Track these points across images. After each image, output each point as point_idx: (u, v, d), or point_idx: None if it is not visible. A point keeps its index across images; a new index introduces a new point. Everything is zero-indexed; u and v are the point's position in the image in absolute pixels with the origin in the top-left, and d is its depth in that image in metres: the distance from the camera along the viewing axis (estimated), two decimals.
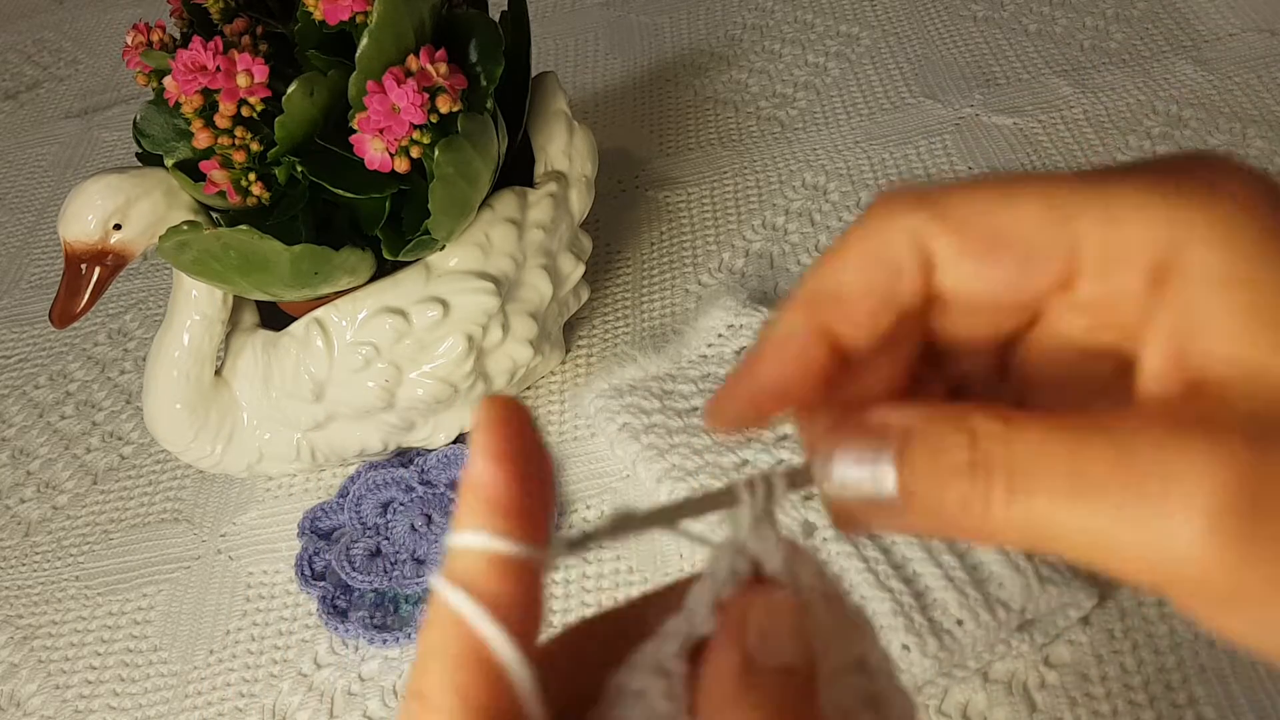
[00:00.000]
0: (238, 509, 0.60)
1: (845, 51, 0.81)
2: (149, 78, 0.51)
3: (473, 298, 0.54)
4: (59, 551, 0.60)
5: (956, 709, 0.45)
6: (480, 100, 0.50)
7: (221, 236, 0.48)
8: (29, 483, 0.64)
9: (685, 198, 0.72)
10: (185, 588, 0.57)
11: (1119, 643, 0.45)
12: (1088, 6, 0.80)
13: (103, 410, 0.67)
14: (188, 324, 0.54)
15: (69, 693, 0.54)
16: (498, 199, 0.54)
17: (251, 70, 0.47)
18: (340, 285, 0.52)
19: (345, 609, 0.52)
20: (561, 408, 0.61)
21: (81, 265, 0.52)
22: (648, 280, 0.67)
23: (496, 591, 0.21)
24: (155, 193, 0.51)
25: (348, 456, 0.58)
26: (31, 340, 0.73)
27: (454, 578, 0.21)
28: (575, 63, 0.87)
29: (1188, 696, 0.43)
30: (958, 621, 0.44)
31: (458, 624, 0.20)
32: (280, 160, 0.49)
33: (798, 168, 0.72)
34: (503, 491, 0.21)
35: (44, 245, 0.81)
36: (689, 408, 0.55)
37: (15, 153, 0.91)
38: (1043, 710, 0.44)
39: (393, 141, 0.47)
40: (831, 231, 0.67)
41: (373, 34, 0.47)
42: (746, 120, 0.77)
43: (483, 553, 0.21)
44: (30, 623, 0.57)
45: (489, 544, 0.21)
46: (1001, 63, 0.76)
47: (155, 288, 0.75)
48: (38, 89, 0.98)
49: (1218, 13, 0.76)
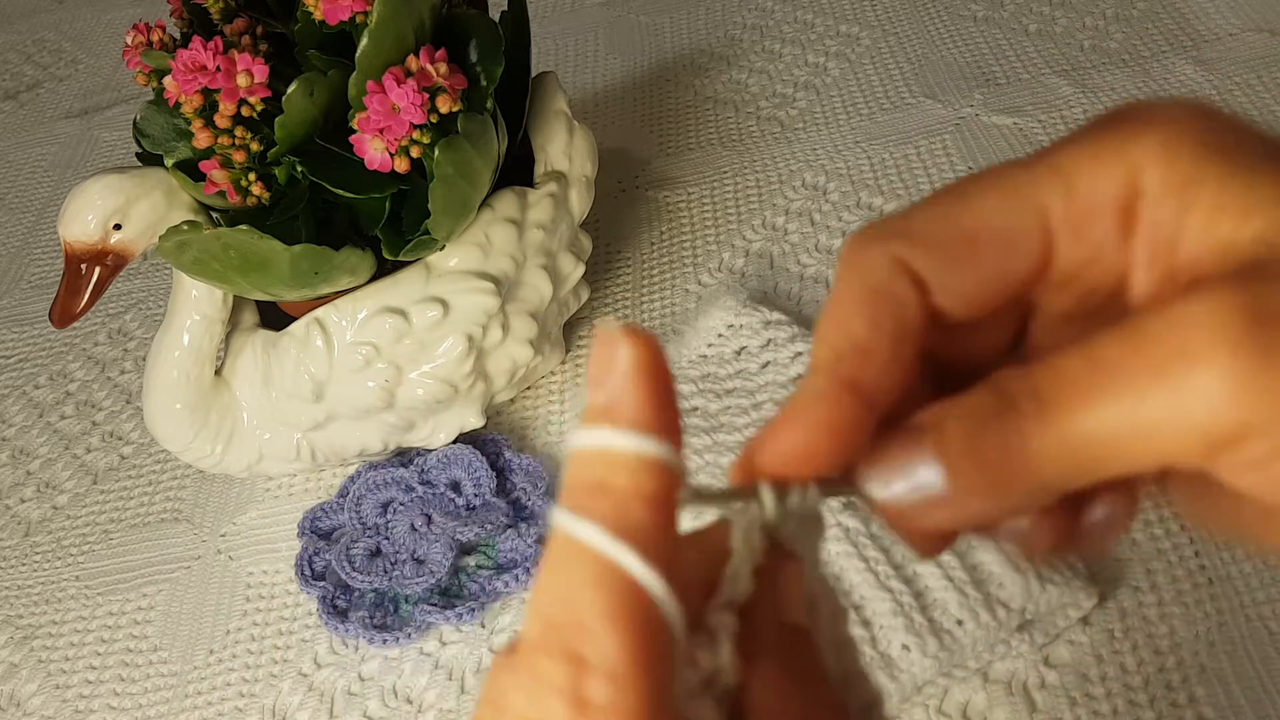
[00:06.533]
0: (238, 509, 0.60)
1: (845, 51, 0.81)
2: (149, 78, 0.51)
3: (473, 298, 0.54)
4: (59, 551, 0.60)
5: (956, 709, 0.45)
6: (480, 100, 0.50)
7: (221, 236, 0.48)
8: (29, 483, 0.64)
9: (685, 198, 0.72)
10: (185, 588, 0.57)
11: (1119, 643, 0.45)
12: (1088, 6, 0.80)
13: (103, 410, 0.67)
14: (188, 324, 0.54)
15: (69, 693, 0.54)
16: (498, 199, 0.54)
17: (251, 70, 0.47)
18: (340, 285, 0.52)
19: (345, 609, 0.52)
20: (561, 408, 0.61)
21: (81, 265, 0.52)
22: (648, 280, 0.67)
23: (648, 526, 0.20)
24: (155, 193, 0.51)
25: (348, 456, 0.58)
26: (31, 340, 0.73)
27: (609, 523, 0.19)
28: (575, 63, 0.87)
29: (1188, 696, 0.43)
30: (958, 621, 0.44)
31: (621, 581, 0.19)
32: (280, 160, 0.49)
33: (798, 168, 0.72)
34: (644, 397, 0.20)
35: (44, 245, 0.81)
36: (689, 408, 0.55)
37: (15, 153, 0.91)
38: (1043, 710, 0.44)
39: (393, 141, 0.47)
40: (831, 231, 0.67)
41: (373, 34, 0.47)
42: (746, 120, 0.77)
43: (627, 464, 0.20)
44: (30, 623, 0.57)
45: (638, 445, 0.20)
46: (1001, 63, 0.76)
47: (155, 288, 0.75)
48: (38, 89, 0.98)
49: (1218, 13, 0.76)
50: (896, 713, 0.45)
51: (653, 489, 0.20)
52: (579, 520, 0.19)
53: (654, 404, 0.20)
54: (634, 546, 0.19)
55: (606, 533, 0.19)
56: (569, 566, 0.19)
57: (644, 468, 0.20)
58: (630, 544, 0.19)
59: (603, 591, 0.19)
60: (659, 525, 0.20)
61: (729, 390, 0.56)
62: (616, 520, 0.19)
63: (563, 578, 0.19)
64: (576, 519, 0.19)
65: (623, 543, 0.19)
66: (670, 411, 0.20)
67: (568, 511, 0.20)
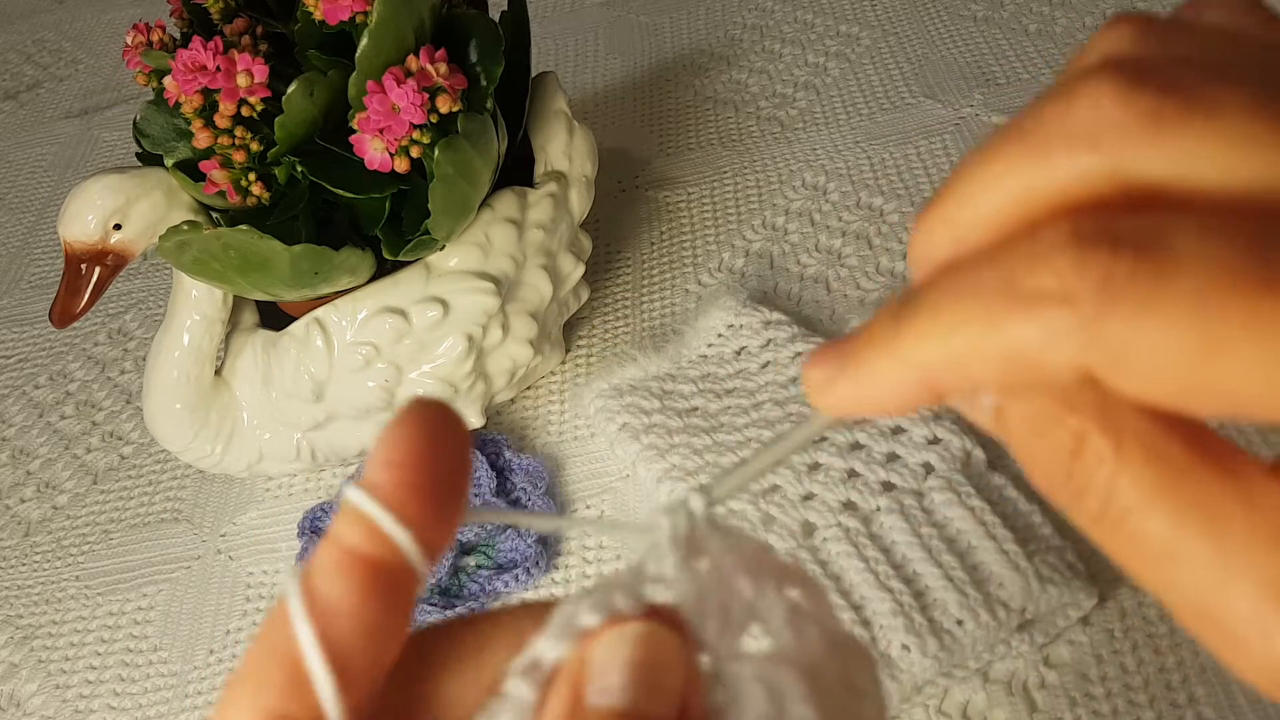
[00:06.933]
0: (238, 509, 0.60)
1: (845, 51, 0.81)
2: (149, 78, 0.51)
3: (473, 298, 0.54)
4: (59, 551, 0.60)
5: (956, 709, 0.45)
6: (480, 100, 0.50)
7: (221, 236, 0.48)
8: (29, 483, 0.64)
9: (685, 198, 0.72)
10: (185, 588, 0.57)
11: (1119, 643, 0.45)
12: (1088, 6, 0.80)
13: (103, 410, 0.67)
14: (188, 324, 0.54)
15: (69, 693, 0.54)
16: (498, 199, 0.54)
17: (251, 70, 0.47)
18: (340, 285, 0.52)
19: None
20: (561, 408, 0.61)
21: (81, 265, 0.52)
22: (648, 280, 0.67)
23: (341, 605, 0.19)
24: (155, 193, 0.51)
25: (348, 456, 0.58)
26: (31, 340, 0.73)
27: (312, 575, 0.19)
28: (575, 63, 0.87)
29: (1188, 696, 0.43)
30: (958, 621, 0.44)
31: (282, 633, 0.19)
32: (280, 160, 0.49)
33: (798, 168, 0.72)
34: (398, 481, 0.20)
35: (44, 245, 0.81)
36: (689, 408, 0.55)
37: (15, 153, 0.91)
38: (1043, 710, 0.44)
39: (393, 141, 0.47)
40: (831, 231, 0.67)
41: (373, 34, 0.47)
42: (746, 120, 0.77)
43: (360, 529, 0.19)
44: (30, 623, 0.57)
45: (372, 510, 0.19)
46: (1001, 63, 0.76)
47: (155, 288, 0.75)
48: (38, 89, 0.98)
49: None
50: (896, 713, 0.45)
51: (370, 554, 0.19)
52: (290, 573, 0.20)
53: (407, 492, 0.20)
54: (311, 604, 0.19)
55: (298, 599, 0.19)
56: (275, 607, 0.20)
57: (369, 532, 0.19)
58: (308, 601, 0.19)
59: (266, 651, 0.19)
60: (352, 590, 0.19)
61: (729, 390, 0.56)
62: (318, 572, 0.19)
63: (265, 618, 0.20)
64: (292, 571, 0.20)
65: (300, 599, 0.19)
66: (425, 503, 0.20)
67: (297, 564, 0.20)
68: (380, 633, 0.19)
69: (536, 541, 0.53)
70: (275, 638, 0.19)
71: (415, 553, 0.19)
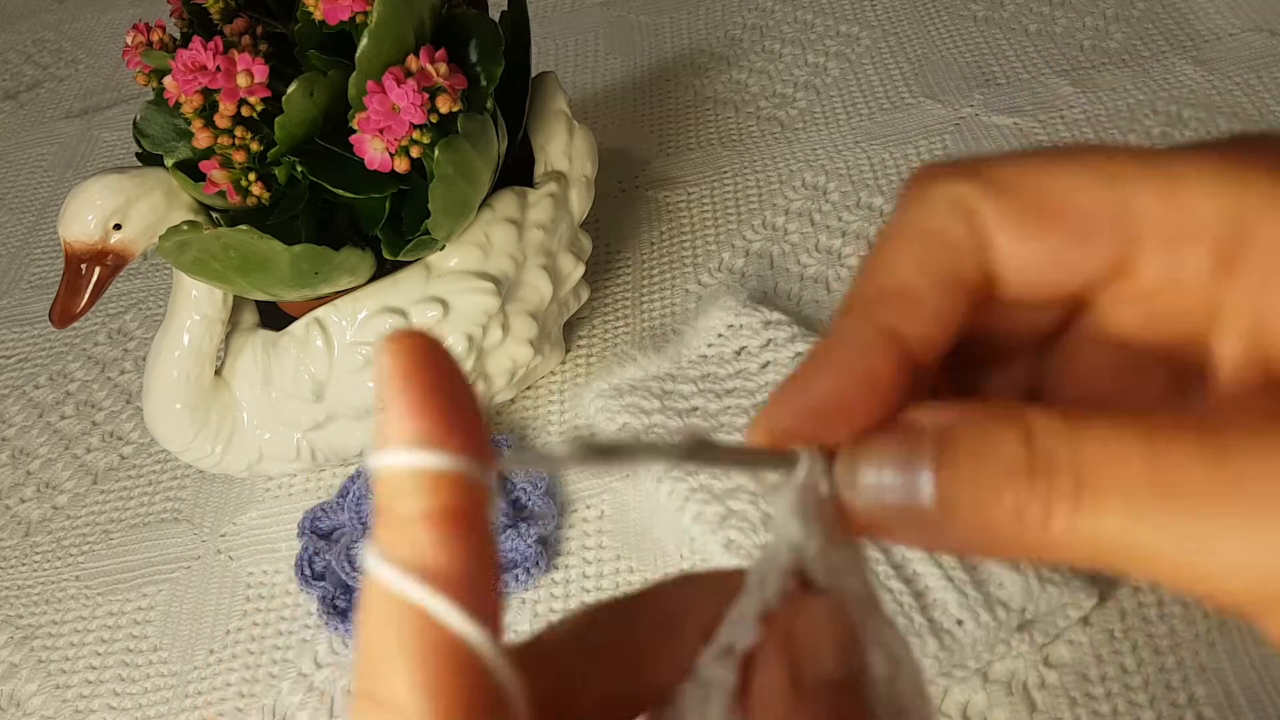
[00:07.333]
0: (238, 509, 0.60)
1: (845, 51, 0.81)
2: (149, 78, 0.51)
3: (473, 298, 0.54)
4: (59, 551, 0.60)
5: (956, 709, 0.45)
6: (480, 100, 0.50)
7: (221, 236, 0.48)
8: (29, 483, 0.64)
9: (685, 198, 0.72)
10: (185, 588, 0.57)
11: (1119, 643, 0.45)
12: (1088, 6, 0.80)
13: (103, 410, 0.67)
14: (188, 324, 0.54)
15: (69, 693, 0.54)
16: (498, 199, 0.54)
17: (251, 70, 0.47)
18: (340, 285, 0.52)
19: (345, 609, 0.52)
20: (561, 408, 0.61)
21: (81, 265, 0.52)
22: (648, 280, 0.67)
23: (435, 550, 0.18)
24: (155, 193, 0.51)
25: (348, 456, 0.58)
26: (31, 340, 0.73)
27: (395, 554, 0.18)
28: (575, 63, 0.87)
29: (1188, 696, 0.43)
30: (958, 621, 0.44)
31: (411, 614, 0.17)
32: (280, 160, 0.49)
33: (798, 168, 0.72)
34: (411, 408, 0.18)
35: (44, 245, 0.81)
36: (689, 408, 0.55)
37: (15, 153, 0.91)
38: (1043, 710, 0.44)
39: (393, 141, 0.47)
40: (831, 231, 0.67)
41: (373, 34, 0.47)
42: (746, 120, 0.77)
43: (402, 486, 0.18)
44: (30, 623, 0.57)
45: (411, 462, 0.18)
46: (1001, 63, 0.76)
47: (155, 288, 0.75)
48: (38, 89, 0.98)
49: (1218, 13, 0.76)
50: None
51: (438, 507, 0.18)
52: (368, 554, 0.18)
53: (424, 414, 0.18)
54: (419, 575, 0.17)
55: (385, 563, 0.18)
56: (367, 605, 0.18)
57: (422, 486, 0.18)
58: (415, 573, 0.17)
59: (391, 629, 0.18)
60: (450, 546, 0.18)
61: (729, 390, 0.56)
62: (399, 548, 0.18)
63: (364, 616, 0.18)
64: (368, 553, 0.18)
65: (406, 574, 0.17)
66: (450, 416, 0.18)
67: (370, 545, 0.18)
68: (487, 572, 0.18)
69: (536, 542, 0.53)
70: (408, 632, 0.18)
71: (477, 469, 0.18)
